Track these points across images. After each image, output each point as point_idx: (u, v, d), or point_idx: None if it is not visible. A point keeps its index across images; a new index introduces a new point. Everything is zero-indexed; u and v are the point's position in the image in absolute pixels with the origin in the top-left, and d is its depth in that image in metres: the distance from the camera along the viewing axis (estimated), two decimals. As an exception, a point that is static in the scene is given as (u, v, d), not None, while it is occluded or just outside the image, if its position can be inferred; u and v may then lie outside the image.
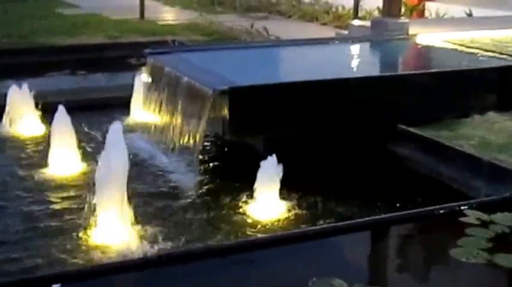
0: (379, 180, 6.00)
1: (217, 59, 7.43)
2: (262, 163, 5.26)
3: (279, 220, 5.22)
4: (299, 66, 7.45)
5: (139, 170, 6.05)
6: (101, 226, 4.82)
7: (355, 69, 7.20)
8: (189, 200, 5.60)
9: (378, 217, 5.10)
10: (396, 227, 5.17)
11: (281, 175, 5.26)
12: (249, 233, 5.05)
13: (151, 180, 5.98)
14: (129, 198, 4.84)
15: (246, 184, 5.45)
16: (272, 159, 5.25)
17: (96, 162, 4.95)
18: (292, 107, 6.10)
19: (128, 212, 4.84)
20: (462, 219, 4.91)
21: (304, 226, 5.12)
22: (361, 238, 4.97)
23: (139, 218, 4.96)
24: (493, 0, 12.11)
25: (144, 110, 7.22)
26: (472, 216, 4.95)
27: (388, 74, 7.12)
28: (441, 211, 5.15)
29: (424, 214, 5.14)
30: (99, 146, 5.67)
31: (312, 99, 6.16)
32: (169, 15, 15.38)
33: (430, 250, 4.86)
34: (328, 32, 11.53)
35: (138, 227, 4.91)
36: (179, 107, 6.41)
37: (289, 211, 5.34)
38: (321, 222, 5.14)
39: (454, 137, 6.20)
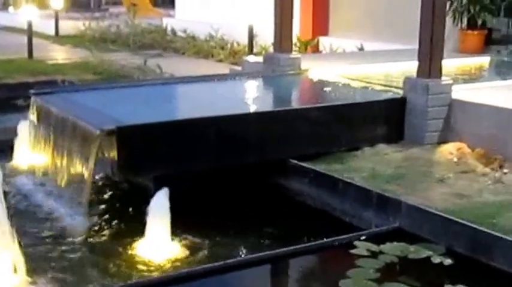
0: (271, 215, 5.98)
1: (106, 98, 7.29)
2: (151, 202, 5.16)
3: (170, 259, 5.10)
4: (189, 104, 7.42)
5: (24, 214, 5.86)
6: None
7: (244, 105, 7.17)
8: (77, 243, 5.42)
9: (269, 252, 5.06)
10: (288, 261, 5.19)
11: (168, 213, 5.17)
12: (139, 273, 4.90)
13: (37, 224, 5.75)
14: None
15: (136, 224, 5.33)
16: (161, 197, 5.15)
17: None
18: (181, 144, 6.01)
19: (12, 259, 4.61)
20: (352, 251, 4.97)
21: (196, 263, 5.03)
22: (252, 273, 4.96)
23: (25, 263, 4.73)
24: (383, 35, 12.44)
25: (30, 153, 6.98)
26: (361, 247, 5.01)
27: (276, 109, 7.12)
28: (333, 244, 5.19)
29: (316, 247, 5.18)
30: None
31: (201, 136, 6.10)
32: (59, 54, 15.06)
33: (321, 283, 4.88)
34: (223, 69, 11.52)
35: (24, 272, 4.68)
36: (66, 149, 6.25)
37: (180, 248, 5.25)
38: (213, 259, 5.02)
39: (345, 170, 6.26)
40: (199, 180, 6.19)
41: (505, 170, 6.18)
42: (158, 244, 5.17)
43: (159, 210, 5.15)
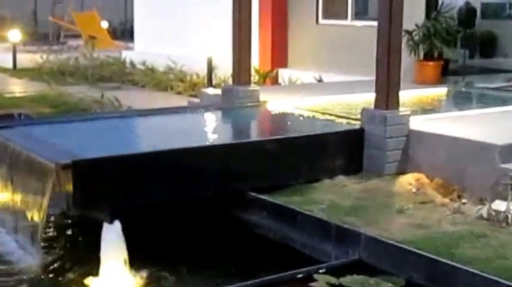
0: (231, 249, 5.92)
1: (63, 132, 7.21)
2: (105, 235, 5.07)
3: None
4: (146, 137, 7.35)
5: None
6: None
7: (202, 137, 7.13)
8: (31, 281, 5.29)
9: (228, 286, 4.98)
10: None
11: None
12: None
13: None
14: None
15: (93, 259, 5.23)
16: (112, 231, 5.07)
17: None
18: (138, 178, 5.92)
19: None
20: (312, 284, 4.92)
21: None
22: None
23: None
24: (342, 67, 12.54)
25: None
26: (321, 280, 4.97)
27: (235, 141, 7.10)
28: (292, 277, 5.13)
29: (275, 280, 5.10)
30: None
31: (159, 169, 6.02)
32: (16, 87, 14.88)
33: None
34: (182, 101, 11.47)
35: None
36: (21, 183, 6.13)
37: (136, 283, 5.15)
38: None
39: (305, 202, 6.22)
40: (158, 213, 6.11)
41: (463, 200, 6.20)
42: (113, 279, 5.08)
43: (111, 244, 5.07)
